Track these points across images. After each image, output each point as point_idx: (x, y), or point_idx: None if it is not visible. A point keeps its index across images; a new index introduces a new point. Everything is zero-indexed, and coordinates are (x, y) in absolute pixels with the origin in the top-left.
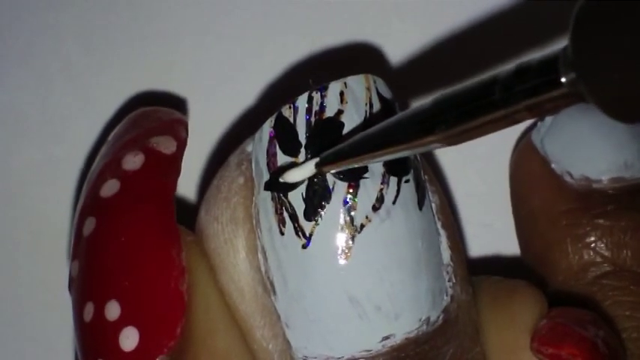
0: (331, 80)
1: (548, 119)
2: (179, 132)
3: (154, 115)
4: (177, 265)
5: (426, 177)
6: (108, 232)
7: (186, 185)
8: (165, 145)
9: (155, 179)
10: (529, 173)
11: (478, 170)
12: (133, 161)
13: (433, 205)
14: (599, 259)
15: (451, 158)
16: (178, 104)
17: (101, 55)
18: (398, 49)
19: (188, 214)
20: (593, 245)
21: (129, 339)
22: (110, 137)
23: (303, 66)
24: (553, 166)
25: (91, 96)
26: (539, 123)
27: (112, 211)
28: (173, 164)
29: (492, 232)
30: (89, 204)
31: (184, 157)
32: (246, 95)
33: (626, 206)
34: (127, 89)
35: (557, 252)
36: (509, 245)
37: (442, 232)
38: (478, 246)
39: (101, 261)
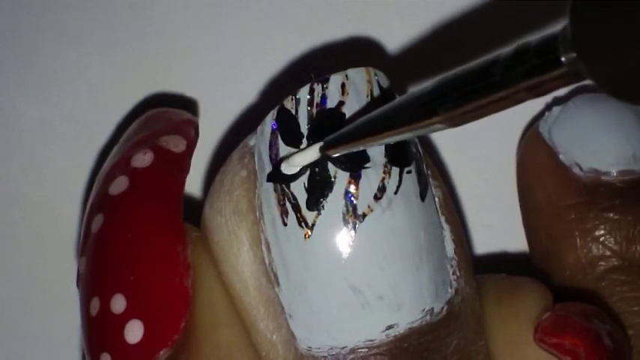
0: (332, 74)
1: (556, 109)
2: (188, 132)
3: (165, 115)
4: (182, 260)
5: (429, 171)
6: (115, 228)
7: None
8: (175, 143)
9: (163, 177)
10: (535, 164)
11: (479, 170)
12: (143, 159)
13: (436, 199)
14: (607, 253)
15: (452, 158)
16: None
17: (102, 55)
18: (398, 46)
19: (193, 211)
20: (602, 239)
21: (134, 332)
22: (122, 138)
23: (305, 63)
24: (561, 157)
25: (92, 97)
26: (546, 113)
27: (120, 208)
28: (182, 163)
29: (493, 232)
30: (98, 201)
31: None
32: (249, 93)
33: (634, 200)
34: (130, 89)
35: (565, 246)
36: (509, 246)
37: (446, 226)
38: (479, 246)
39: (108, 256)
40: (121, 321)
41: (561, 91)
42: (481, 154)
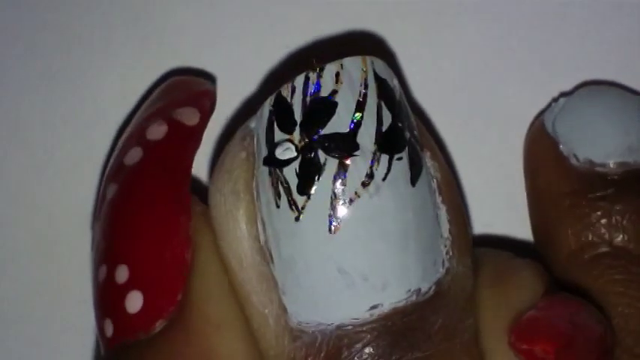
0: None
1: (562, 101)
2: (204, 104)
3: (185, 85)
4: (184, 233)
5: (427, 153)
6: (126, 197)
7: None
8: (189, 116)
9: (175, 149)
10: (537, 154)
11: (479, 170)
12: (157, 130)
13: (434, 180)
14: (597, 240)
15: (452, 158)
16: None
17: (103, 55)
18: (398, 46)
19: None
20: (592, 227)
21: (134, 302)
22: (143, 105)
23: (305, 61)
24: (561, 147)
25: (91, 96)
26: (552, 104)
27: (133, 178)
28: (194, 136)
29: (493, 232)
30: (114, 170)
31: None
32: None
33: (626, 190)
34: (130, 89)
35: (560, 232)
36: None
37: (442, 206)
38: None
39: (117, 226)
40: (123, 291)
41: (568, 85)
42: (481, 154)
